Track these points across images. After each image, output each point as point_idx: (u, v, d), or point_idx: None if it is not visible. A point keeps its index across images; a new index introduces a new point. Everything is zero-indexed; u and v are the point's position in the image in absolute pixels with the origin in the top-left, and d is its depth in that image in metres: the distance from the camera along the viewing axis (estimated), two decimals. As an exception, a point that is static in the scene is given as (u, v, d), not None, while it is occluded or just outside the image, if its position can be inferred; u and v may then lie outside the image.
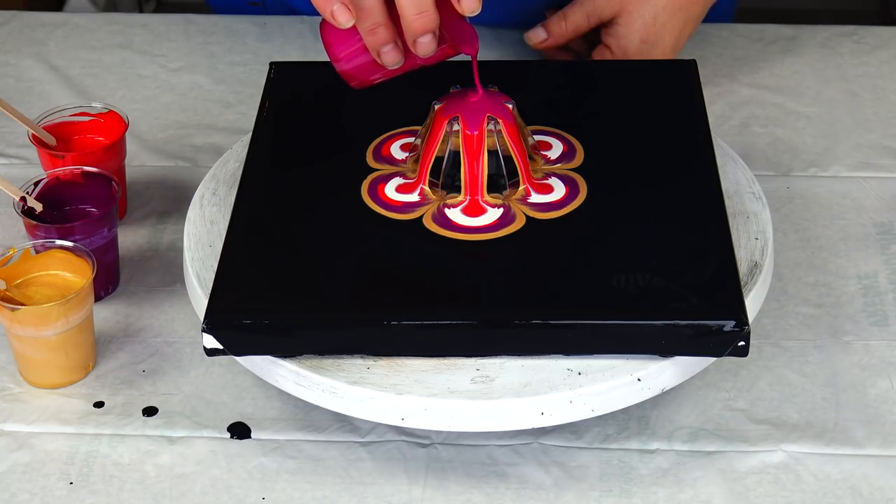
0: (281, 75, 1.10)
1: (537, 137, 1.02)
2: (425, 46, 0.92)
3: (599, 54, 1.19)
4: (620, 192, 0.98)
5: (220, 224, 0.99)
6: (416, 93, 1.04)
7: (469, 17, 0.95)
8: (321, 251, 0.94)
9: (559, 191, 0.97)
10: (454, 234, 0.95)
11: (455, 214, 0.96)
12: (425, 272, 0.93)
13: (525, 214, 0.96)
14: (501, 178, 0.97)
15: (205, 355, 0.90)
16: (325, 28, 0.95)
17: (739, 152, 1.10)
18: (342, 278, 0.92)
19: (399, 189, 0.98)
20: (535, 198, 0.97)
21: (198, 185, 1.04)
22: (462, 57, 1.32)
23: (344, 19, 0.92)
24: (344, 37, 0.95)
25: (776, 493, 0.91)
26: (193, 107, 1.25)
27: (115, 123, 1.11)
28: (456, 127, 0.97)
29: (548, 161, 1.00)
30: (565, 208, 0.96)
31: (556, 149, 1.01)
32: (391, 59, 0.94)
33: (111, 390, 0.99)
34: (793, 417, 0.95)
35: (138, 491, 0.92)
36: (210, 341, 0.89)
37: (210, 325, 0.89)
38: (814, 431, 0.94)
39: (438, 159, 0.98)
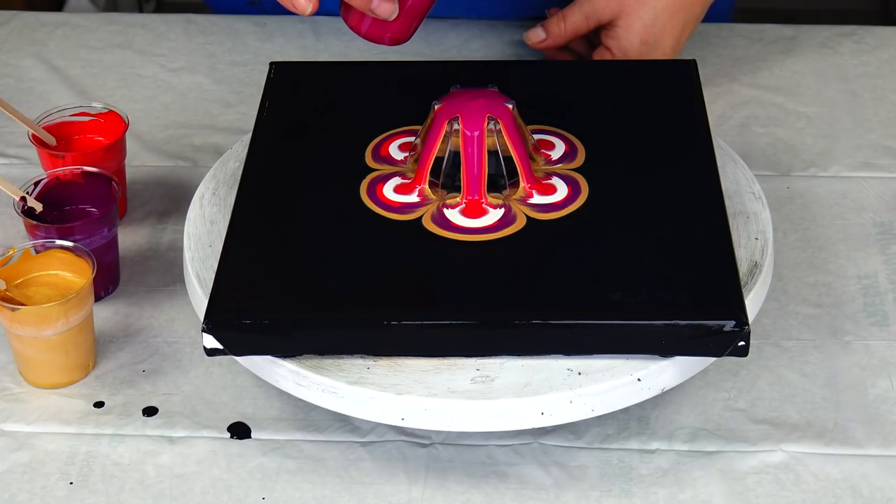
0: (281, 75, 1.10)
1: (541, 137, 1.02)
2: None
3: (600, 56, 1.19)
4: (621, 193, 0.98)
5: (220, 224, 0.99)
6: (416, 93, 1.04)
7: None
8: (321, 251, 0.94)
9: (562, 191, 0.98)
10: (454, 234, 0.95)
11: (454, 216, 0.96)
12: (425, 272, 0.93)
13: (525, 215, 0.96)
14: (501, 178, 0.97)
15: (205, 355, 0.90)
16: (341, 5, 0.95)
17: (739, 152, 1.10)
18: (342, 278, 0.92)
19: (397, 189, 0.98)
20: (537, 198, 0.97)
21: (198, 185, 1.04)
22: (461, 57, 1.32)
23: (303, 4, 0.92)
24: (347, 6, 0.95)
25: (776, 493, 0.91)
26: (193, 107, 1.25)
27: (115, 123, 1.11)
28: (456, 127, 0.97)
29: (549, 161, 1.00)
30: (566, 209, 0.96)
31: (559, 148, 1.01)
32: (385, 11, 0.94)
33: (111, 390, 0.99)
34: (793, 417, 0.95)
35: (138, 491, 0.92)
36: (210, 341, 0.89)
37: (210, 325, 0.89)
38: (814, 431, 0.94)
39: (438, 159, 0.98)
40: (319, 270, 0.93)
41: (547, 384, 0.88)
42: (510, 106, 0.98)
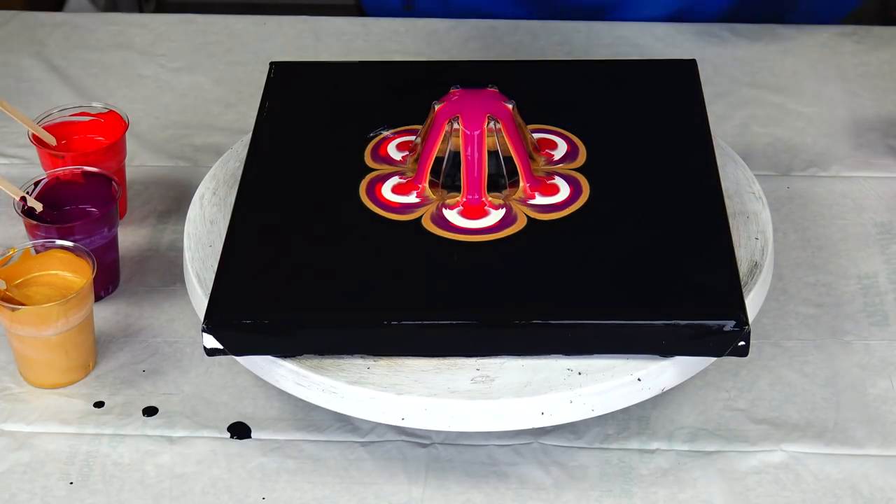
0: (281, 75, 1.10)
1: (543, 136, 1.02)
2: None
3: None
4: (621, 193, 0.98)
5: (220, 224, 0.99)
6: (416, 93, 1.04)
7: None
8: (321, 251, 0.94)
9: (564, 191, 0.98)
10: (454, 235, 0.95)
11: (454, 217, 0.96)
12: (425, 272, 0.93)
13: (526, 215, 0.96)
14: (501, 178, 0.97)
15: (205, 355, 0.90)
16: None
17: (739, 152, 1.10)
18: (342, 278, 0.92)
19: (396, 189, 0.98)
20: (539, 199, 0.97)
21: (198, 185, 1.04)
22: (461, 57, 1.32)
23: None
24: None
25: (776, 493, 0.91)
26: (193, 107, 1.25)
27: (115, 123, 1.11)
28: (456, 127, 0.97)
29: (551, 161, 1.00)
30: (567, 209, 0.96)
31: (561, 148, 1.01)
32: None
33: (111, 390, 0.99)
34: (793, 417, 0.95)
35: (138, 491, 0.92)
36: (210, 341, 0.89)
37: (210, 325, 0.89)
38: (814, 431, 0.94)
39: (438, 159, 0.98)
40: (319, 270, 0.93)
41: (547, 384, 0.88)
42: (510, 106, 0.98)
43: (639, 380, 0.88)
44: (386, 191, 0.98)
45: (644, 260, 0.92)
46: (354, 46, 1.31)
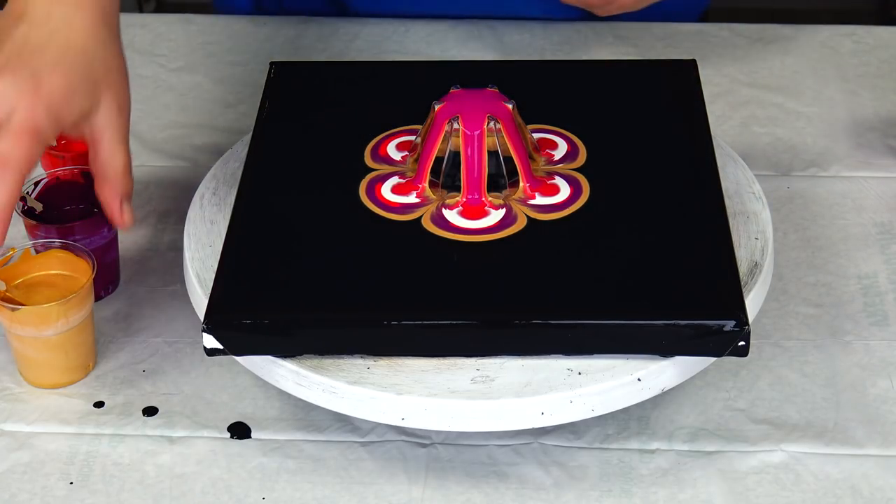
0: (281, 75, 1.10)
1: (543, 136, 1.02)
2: None
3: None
4: (621, 193, 0.98)
5: (220, 224, 0.99)
6: (416, 93, 1.04)
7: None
8: (321, 251, 0.94)
9: (564, 191, 0.98)
10: (454, 235, 0.95)
11: (454, 217, 0.96)
12: (425, 272, 0.93)
13: (526, 216, 0.96)
14: (501, 178, 0.97)
15: (205, 355, 0.90)
16: None
17: (739, 152, 1.10)
18: (342, 278, 0.92)
19: (396, 189, 0.98)
20: (539, 199, 0.97)
21: (198, 185, 1.04)
22: (461, 57, 1.32)
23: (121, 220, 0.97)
24: None
25: (776, 493, 0.91)
26: (193, 107, 1.25)
27: (115, 123, 1.11)
28: (456, 126, 0.97)
29: (551, 161, 1.00)
30: (567, 209, 0.96)
31: (562, 148, 1.01)
32: None
33: (111, 390, 0.99)
34: (793, 417, 0.95)
35: (138, 491, 0.92)
36: (210, 341, 0.89)
37: (210, 325, 0.89)
38: (814, 431, 0.94)
39: (438, 159, 0.98)
40: (319, 270, 0.93)
41: (547, 384, 0.88)
42: (510, 106, 0.98)
43: (639, 380, 0.88)
44: (386, 191, 0.98)
45: (644, 260, 0.92)
46: (354, 46, 1.31)
